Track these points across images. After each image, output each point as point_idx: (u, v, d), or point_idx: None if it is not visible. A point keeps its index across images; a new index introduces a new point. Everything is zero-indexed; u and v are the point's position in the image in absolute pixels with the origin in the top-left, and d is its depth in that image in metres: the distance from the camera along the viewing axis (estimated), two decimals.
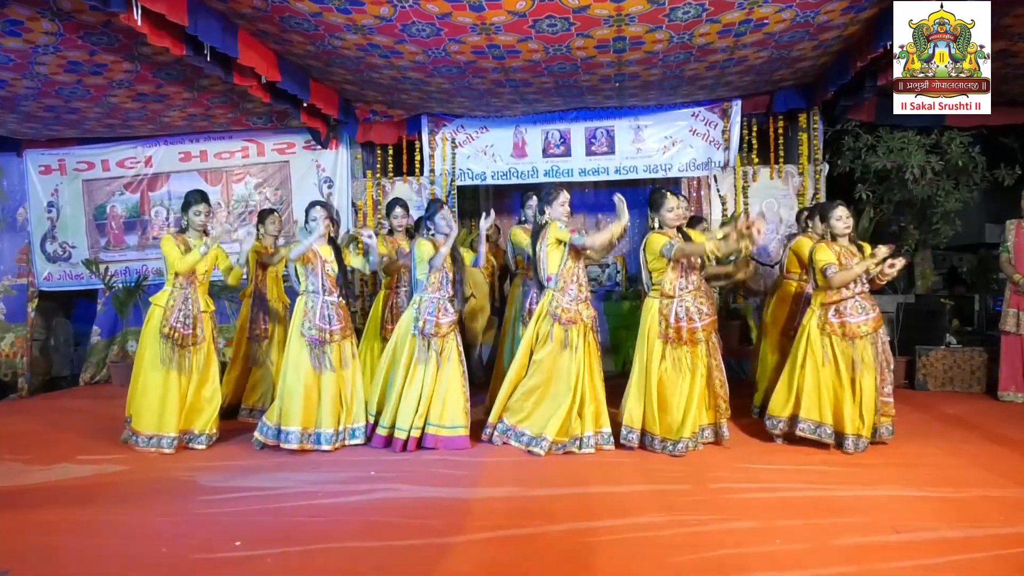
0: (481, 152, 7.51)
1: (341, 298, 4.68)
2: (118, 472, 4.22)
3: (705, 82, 6.34)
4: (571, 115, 7.31)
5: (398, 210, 5.57)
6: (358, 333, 5.50)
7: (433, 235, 4.66)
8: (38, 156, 7.96)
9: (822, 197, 7.00)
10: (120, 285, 7.78)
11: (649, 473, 3.95)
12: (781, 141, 7.13)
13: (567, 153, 7.42)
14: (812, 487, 3.67)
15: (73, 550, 3.04)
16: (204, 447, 4.70)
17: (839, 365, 4.27)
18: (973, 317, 7.62)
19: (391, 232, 5.64)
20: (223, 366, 5.53)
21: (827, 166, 7.11)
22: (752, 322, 6.92)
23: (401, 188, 7.57)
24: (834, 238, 4.43)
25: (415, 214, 7.49)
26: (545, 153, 7.46)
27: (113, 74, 5.64)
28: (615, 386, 4.83)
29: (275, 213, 5.88)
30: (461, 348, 4.67)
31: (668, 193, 4.46)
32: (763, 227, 4.03)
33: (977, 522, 3.16)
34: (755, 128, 7.25)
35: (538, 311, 4.56)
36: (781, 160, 7.14)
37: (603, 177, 7.47)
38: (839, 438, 4.29)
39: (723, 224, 6.96)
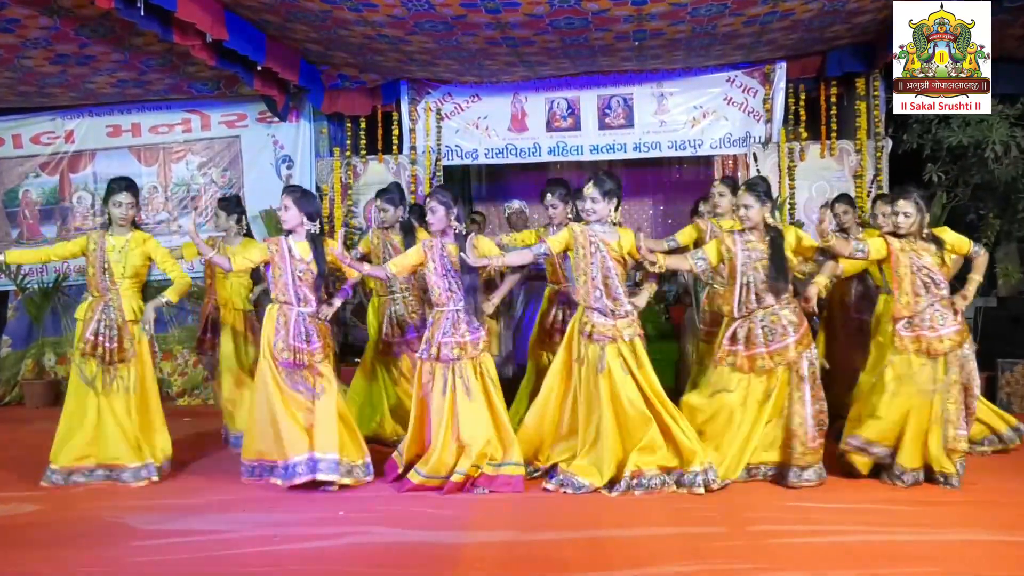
0: (472, 125, 7.50)
1: (328, 307, 4.62)
2: (33, 513, 4.20)
3: (743, 40, 6.34)
4: (581, 81, 7.31)
5: (378, 201, 5.58)
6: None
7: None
8: None
9: (884, 179, 7.00)
10: (35, 286, 7.75)
11: (675, 513, 3.95)
12: (835, 112, 7.12)
13: (576, 126, 7.42)
14: (872, 530, 3.66)
15: None
16: (156, 479, 4.68)
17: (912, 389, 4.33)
18: None
19: (385, 226, 5.61)
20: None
21: (890, 142, 7.10)
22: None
23: (376, 168, 7.57)
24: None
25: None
26: (549, 126, 7.45)
27: (27, 31, 5.62)
28: None
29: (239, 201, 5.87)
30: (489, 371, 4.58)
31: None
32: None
33: None
34: (803, 96, 7.24)
35: (570, 328, 4.61)
36: (834, 135, 7.13)
37: (619, 155, 7.47)
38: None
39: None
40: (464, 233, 4.51)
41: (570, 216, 5.29)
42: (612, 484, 4.30)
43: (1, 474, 4.96)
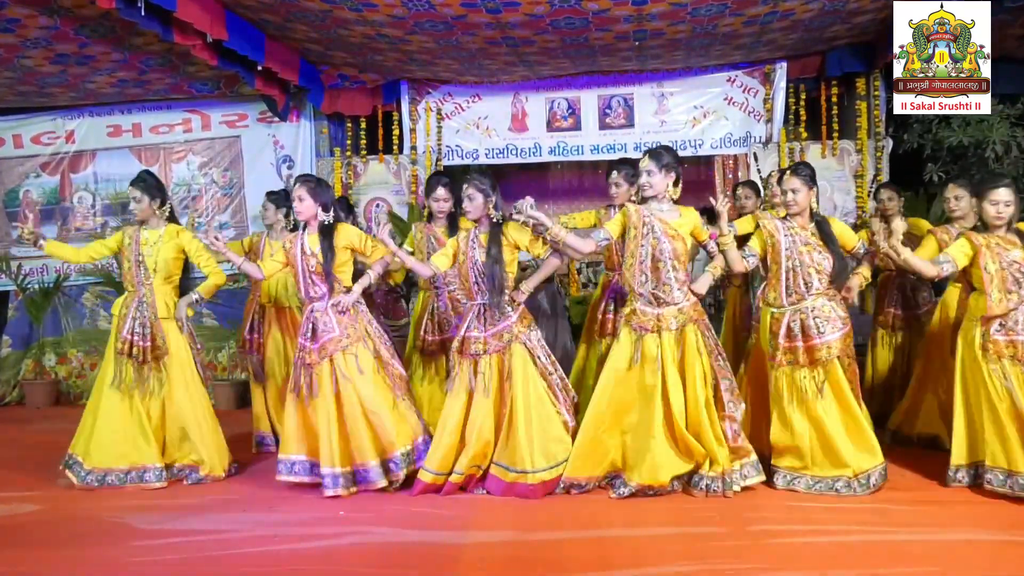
0: (473, 125, 7.51)
1: (348, 297, 4.43)
2: (33, 513, 4.21)
3: (743, 40, 6.34)
4: (581, 81, 7.31)
5: (441, 191, 5.28)
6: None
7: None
8: None
9: (884, 178, 7.00)
10: (35, 286, 7.75)
11: (677, 514, 3.94)
12: (835, 112, 7.13)
13: (576, 126, 7.42)
14: (872, 530, 3.66)
15: None
16: (189, 483, 4.68)
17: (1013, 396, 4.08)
18: None
19: (430, 218, 5.47)
20: None
21: (891, 142, 7.11)
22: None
23: (376, 168, 7.57)
24: (985, 226, 4.26)
25: (393, 200, 7.53)
26: (550, 126, 7.45)
27: (27, 31, 5.62)
28: None
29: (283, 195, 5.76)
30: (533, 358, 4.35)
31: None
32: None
33: None
34: (804, 96, 7.24)
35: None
36: (835, 135, 7.13)
37: (620, 155, 7.44)
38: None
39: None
40: (499, 222, 4.34)
41: (633, 199, 4.99)
42: (614, 484, 4.28)
43: (1, 474, 4.96)
